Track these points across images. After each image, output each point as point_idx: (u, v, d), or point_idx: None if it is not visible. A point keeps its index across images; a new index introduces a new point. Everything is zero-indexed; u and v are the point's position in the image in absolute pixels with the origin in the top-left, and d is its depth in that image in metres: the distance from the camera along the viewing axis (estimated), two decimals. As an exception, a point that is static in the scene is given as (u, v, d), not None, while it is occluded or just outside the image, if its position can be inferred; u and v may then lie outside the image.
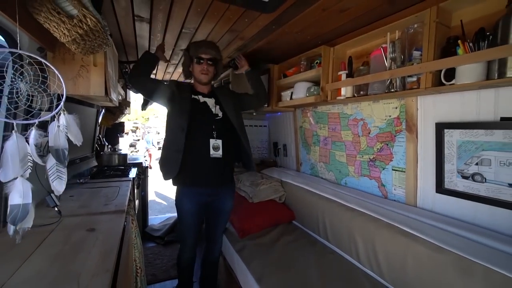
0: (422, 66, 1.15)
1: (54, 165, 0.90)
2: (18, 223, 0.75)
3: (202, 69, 1.56)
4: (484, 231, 1.13)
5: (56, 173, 0.91)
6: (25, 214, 0.75)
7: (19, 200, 0.73)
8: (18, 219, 0.74)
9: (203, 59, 1.56)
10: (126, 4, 1.40)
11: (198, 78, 1.60)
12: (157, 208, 5.15)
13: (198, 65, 1.57)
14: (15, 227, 0.76)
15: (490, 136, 1.13)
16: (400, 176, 1.56)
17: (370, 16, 1.48)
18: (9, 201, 0.74)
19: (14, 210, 0.73)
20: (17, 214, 0.73)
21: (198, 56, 1.56)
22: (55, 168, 0.91)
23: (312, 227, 1.88)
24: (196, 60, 1.57)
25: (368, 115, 1.73)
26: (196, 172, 1.52)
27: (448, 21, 1.20)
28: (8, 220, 0.73)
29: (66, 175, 0.96)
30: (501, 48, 0.92)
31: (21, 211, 0.74)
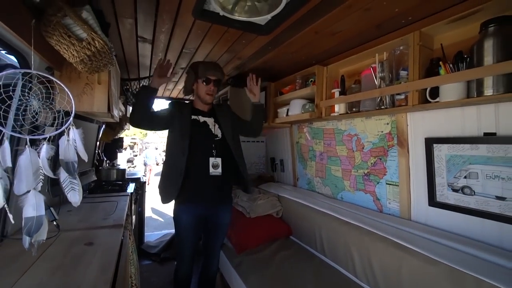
0: (409, 85, 1.22)
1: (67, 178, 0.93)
2: (33, 235, 0.76)
3: (208, 89, 1.59)
4: (475, 243, 1.15)
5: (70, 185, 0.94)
6: (39, 226, 0.77)
7: (33, 212, 0.75)
8: (33, 231, 0.75)
9: (211, 80, 1.58)
10: (130, 27, 1.50)
11: (203, 98, 1.62)
12: (153, 224, 5.07)
13: (204, 85, 1.59)
14: (31, 239, 0.77)
15: (476, 150, 1.19)
16: (394, 190, 1.60)
17: (359, 38, 1.58)
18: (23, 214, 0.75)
19: (28, 223, 0.74)
20: (32, 227, 0.75)
21: (207, 78, 1.58)
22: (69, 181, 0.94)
23: (309, 242, 1.88)
24: (204, 80, 1.58)
25: (361, 130, 1.80)
26: (196, 190, 1.55)
27: (430, 44, 1.29)
28: (24, 232, 0.75)
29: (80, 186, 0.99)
30: (477, 70, 1.00)
31: (35, 223, 0.75)
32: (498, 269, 0.97)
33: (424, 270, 1.11)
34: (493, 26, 1.01)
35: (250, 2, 1.29)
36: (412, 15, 1.27)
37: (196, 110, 1.66)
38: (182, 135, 1.53)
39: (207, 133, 1.60)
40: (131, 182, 2.60)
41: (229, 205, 1.74)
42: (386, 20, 1.34)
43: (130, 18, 1.41)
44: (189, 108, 1.64)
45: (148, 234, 3.70)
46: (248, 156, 2.99)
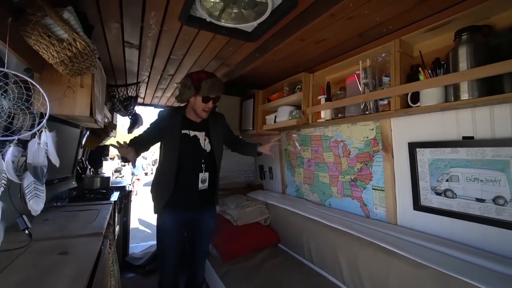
0: (391, 90, 1.26)
1: (31, 183, 0.89)
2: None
3: (207, 107, 1.54)
4: (459, 246, 1.16)
5: (34, 191, 0.90)
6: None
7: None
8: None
9: (211, 99, 1.53)
10: (116, 31, 1.49)
11: (199, 113, 1.57)
12: (140, 236, 4.89)
13: (204, 103, 1.53)
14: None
15: (456, 154, 1.22)
16: (380, 195, 1.61)
17: (343, 47, 1.63)
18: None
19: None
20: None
21: (208, 97, 1.52)
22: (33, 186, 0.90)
23: (297, 249, 1.85)
24: (205, 98, 1.52)
25: (347, 136, 1.82)
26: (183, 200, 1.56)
27: (410, 52, 1.34)
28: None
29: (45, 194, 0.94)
30: (453, 75, 1.04)
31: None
32: (482, 271, 0.97)
33: (411, 274, 1.11)
34: (466, 34, 1.06)
35: (237, 9, 1.31)
36: (392, 24, 1.32)
37: (187, 121, 1.61)
38: (172, 150, 1.53)
39: (196, 148, 1.59)
40: (116, 190, 2.52)
41: (213, 210, 1.74)
42: (368, 29, 1.39)
43: (116, 23, 1.40)
44: (179, 119, 1.59)
45: (133, 246, 3.56)
46: (237, 164, 2.98)
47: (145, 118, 3.32)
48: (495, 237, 1.12)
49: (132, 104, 2.72)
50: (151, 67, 2.15)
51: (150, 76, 2.42)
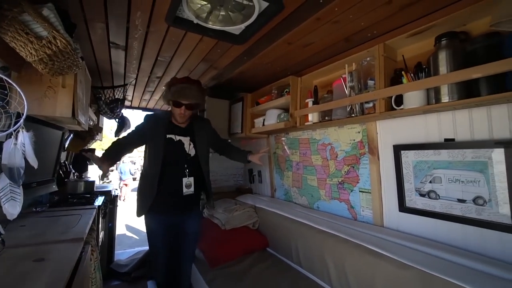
0: (376, 93, 1.28)
1: (7, 185, 0.84)
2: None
3: (180, 112, 1.55)
4: (442, 246, 1.18)
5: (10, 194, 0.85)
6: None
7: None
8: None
9: (182, 104, 1.53)
10: (102, 31, 1.46)
11: (176, 118, 1.60)
12: (127, 242, 4.75)
13: (177, 108, 1.55)
14: None
15: (438, 156, 1.25)
16: (366, 197, 1.63)
17: (330, 51, 1.66)
18: None
19: None
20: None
21: (177, 101, 1.53)
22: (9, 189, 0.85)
23: (285, 253, 1.84)
24: (175, 103, 1.54)
25: (335, 139, 1.84)
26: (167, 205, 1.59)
27: (394, 56, 1.38)
28: None
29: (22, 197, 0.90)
30: (434, 78, 1.07)
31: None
32: (463, 270, 0.99)
33: (397, 275, 1.11)
34: (445, 40, 1.10)
35: (224, 12, 1.32)
36: (377, 29, 1.36)
37: (172, 126, 1.63)
38: (156, 155, 1.54)
39: (180, 153, 1.60)
40: (101, 195, 2.44)
41: (198, 213, 1.76)
42: (354, 33, 1.42)
43: (101, 23, 1.38)
44: (165, 123, 1.61)
45: (119, 252, 3.46)
46: (227, 168, 2.96)
47: (133, 122, 3.27)
48: (476, 237, 1.15)
49: (119, 106, 2.66)
50: (138, 69, 2.12)
51: (137, 78, 2.38)
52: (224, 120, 2.63)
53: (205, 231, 2.06)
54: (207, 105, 2.54)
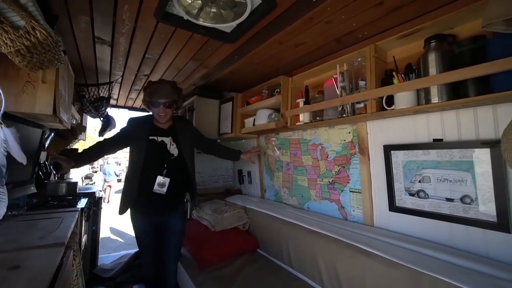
0: (367, 94, 1.29)
1: None
2: None
3: (159, 111, 1.61)
4: (430, 244, 1.20)
5: None
6: None
7: None
8: None
9: (159, 104, 1.59)
10: (86, 26, 1.39)
11: (157, 119, 1.65)
12: (111, 246, 4.60)
13: (155, 108, 1.61)
14: None
15: (427, 156, 1.27)
16: (357, 197, 1.64)
17: (321, 51, 1.66)
18: None
19: None
20: None
21: (154, 101, 1.59)
22: None
23: (276, 254, 1.82)
24: (152, 104, 1.60)
25: (325, 140, 1.84)
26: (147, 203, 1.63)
27: (384, 57, 1.40)
28: None
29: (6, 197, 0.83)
30: (424, 79, 1.09)
31: None
32: (450, 267, 1.01)
33: (386, 273, 1.12)
34: (434, 42, 1.12)
35: (216, 9, 1.29)
36: (368, 30, 1.37)
37: (155, 128, 1.68)
38: (138, 155, 1.60)
39: (162, 153, 1.64)
40: (84, 197, 2.34)
41: (181, 212, 1.79)
42: (345, 34, 1.43)
43: (85, 16, 1.31)
44: (148, 126, 1.66)
45: (103, 256, 3.32)
46: (216, 169, 2.91)
47: (118, 122, 3.16)
48: (462, 234, 1.17)
49: (104, 105, 2.57)
50: (124, 66, 2.05)
51: (123, 76, 2.30)
52: (213, 120, 2.59)
53: (194, 232, 2.01)
54: (195, 104, 2.50)
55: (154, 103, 1.59)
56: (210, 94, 2.55)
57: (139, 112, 3.70)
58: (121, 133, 1.70)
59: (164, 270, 1.72)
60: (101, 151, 1.67)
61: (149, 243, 1.68)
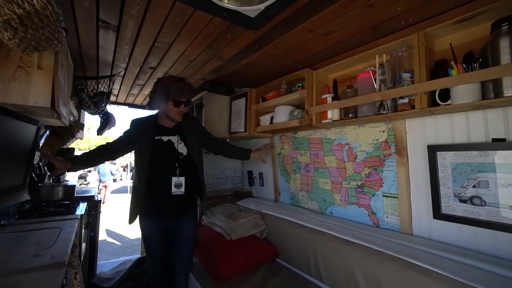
0: (417, 87, 1.13)
1: None
2: None
3: (180, 111, 1.53)
4: (494, 260, 1.04)
5: None
6: None
7: None
8: None
9: (182, 102, 1.52)
10: (89, 4, 1.19)
11: (173, 117, 1.55)
12: (108, 249, 4.38)
13: (176, 107, 1.51)
14: None
15: (485, 157, 1.11)
16: (392, 202, 1.48)
17: (352, 41, 1.49)
18: None
19: None
20: None
21: (179, 100, 1.50)
22: None
23: (300, 265, 1.65)
24: (175, 103, 1.50)
25: (353, 139, 1.68)
26: (158, 207, 1.53)
27: (432, 46, 1.23)
28: None
29: None
30: (495, 69, 0.93)
31: None
32: None
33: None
34: (506, 25, 0.96)
35: (242, -12, 1.11)
36: (413, 16, 1.21)
37: (160, 127, 1.59)
38: (143, 157, 1.51)
39: (171, 153, 1.55)
40: (82, 201, 2.13)
41: (193, 217, 1.69)
42: (385, 21, 1.26)
43: (89, -7, 1.12)
44: (152, 126, 1.57)
45: (102, 263, 3.12)
46: (224, 170, 2.73)
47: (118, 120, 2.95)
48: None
49: (104, 100, 2.36)
50: (129, 57, 1.85)
51: (127, 69, 2.10)
52: (224, 117, 2.41)
53: (206, 241, 1.83)
54: (204, 100, 2.31)
55: (177, 102, 1.50)
56: (220, 89, 2.36)
57: (139, 110, 3.49)
58: (124, 136, 1.60)
59: (173, 282, 1.58)
60: (103, 156, 1.58)
61: (159, 250, 1.58)
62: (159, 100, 1.53)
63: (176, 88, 1.48)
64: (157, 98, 1.54)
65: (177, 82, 1.52)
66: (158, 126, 1.58)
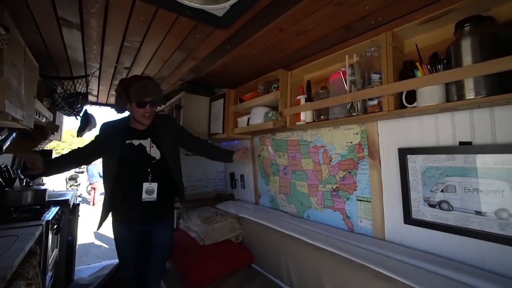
0: (384, 88, 1.10)
1: None
2: None
3: (145, 112, 1.43)
4: (462, 267, 1.02)
5: None
6: None
7: None
8: None
9: (146, 103, 1.42)
10: (45, 2, 1.13)
11: (140, 120, 1.47)
12: (95, 253, 4.27)
13: (140, 108, 1.42)
14: None
15: (452, 161, 1.09)
16: (365, 206, 1.45)
17: (326, 41, 1.46)
18: None
19: None
20: None
21: (142, 101, 1.41)
22: None
23: (273, 271, 1.61)
24: (139, 103, 1.41)
25: (328, 141, 1.65)
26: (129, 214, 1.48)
27: (401, 47, 1.21)
28: None
29: None
30: (456, 71, 0.90)
31: None
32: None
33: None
34: (468, 25, 0.93)
35: (205, -14, 1.07)
36: (383, 15, 1.18)
37: (132, 130, 1.51)
38: (112, 162, 1.44)
39: (142, 157, 1.48)
40: (55, 205, 2.06)
41: (170, 222, 1.64)
42: (356, 20, 1.23)
43: (42, -12, 1.06)
44: (123, 130, 1.50)
45: (81, 268, 3.04)
46: (205, 172, 2.68)
47: (99, 120, 2.87)
48: (495, 255, 1.00)
49: (80, 101, 2.28)
50: (101, 57, 1.79)
51: (101, 69, 2.04)
52: (203, 119, 2.36)
53: (180, 245, 1.78)
54: (183, 101, 2.26)
55: (140, 103, 1.41)
56: (199, 90, 2.31)
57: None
58: (95, 141, 1.53)
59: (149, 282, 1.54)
60: (74, 161, 1.51)
61: (132, 255, 1.52)
62: (123, 102, 1.45)
63: (137, 87, 1.38)
64: (121, 101, 1.46)
65: (139, 81, 1.42)
66: (130, 129, 1.51)
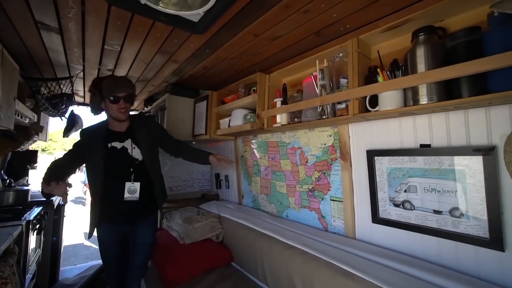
0: (349, 93, 1.15)
1: None
2: None
3: (120, 107, 1.46)
4: (419, 263, 1.07)
5: None
6: None
7: None
8: None
9: (120, 98, 1.45)
10: (18, 5, 1.16)
11: (116, 116, 1.49)
12: (84, 253, 4.26)
13: (114, 104, 1.45)
14: None
15: (414, 163, 1.14)
16: (338, 206, 1.50)
17: (300, 46, 1.51)
18: None
19: None
20: None
21: (114, 96, 1.43)
22: None
23: (251, 269, 1.65)
24: (112, 99, 1.44)
25: (305, 143, 1.70)
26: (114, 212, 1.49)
27: (368, 53, 1.26)
28: None
29: None
30: (411, 77, 0.96)
31: None
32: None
33: (369, 299, 0.97)
34: (422, 35, 0.99)
35: (178, -8, 1.10)
36: (350, 22, 1.23)
37: (111, 133, 1.52)
38: (97, 167, 1.46)
39: (125, 160, 1.50)
40: (38, 206, 2.07)
41: (153, 222, 1.64)
42: (325, 26, 1.28)
43: (15, -7, 1.09)
44: (102, 133, 1.51)
45: (67, 269, 3.05)
46: (191, 173, 2.71)
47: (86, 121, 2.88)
48: (452, 251, 1.05)
49: (65, 102, 2.30)
50: (83, 59, 1.81)
51: (85, 70, 2.06)
52: (187, 120, 2.39)
53: (161, 245, 1.81)
54: (167, 103, 2.29)
55: (114, 99, 1.43)
56: (183, 92, 2.34)
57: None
58: (75, 149, 1.53)
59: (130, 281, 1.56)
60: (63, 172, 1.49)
61: (114, 255, 1.54)
62: (97, 100, 1.48)
63: (108, 83, 1.42)
64: (95, 99, 1.49)
65: (110, 77, 1.47)
66: (109, 132, 1.52)
